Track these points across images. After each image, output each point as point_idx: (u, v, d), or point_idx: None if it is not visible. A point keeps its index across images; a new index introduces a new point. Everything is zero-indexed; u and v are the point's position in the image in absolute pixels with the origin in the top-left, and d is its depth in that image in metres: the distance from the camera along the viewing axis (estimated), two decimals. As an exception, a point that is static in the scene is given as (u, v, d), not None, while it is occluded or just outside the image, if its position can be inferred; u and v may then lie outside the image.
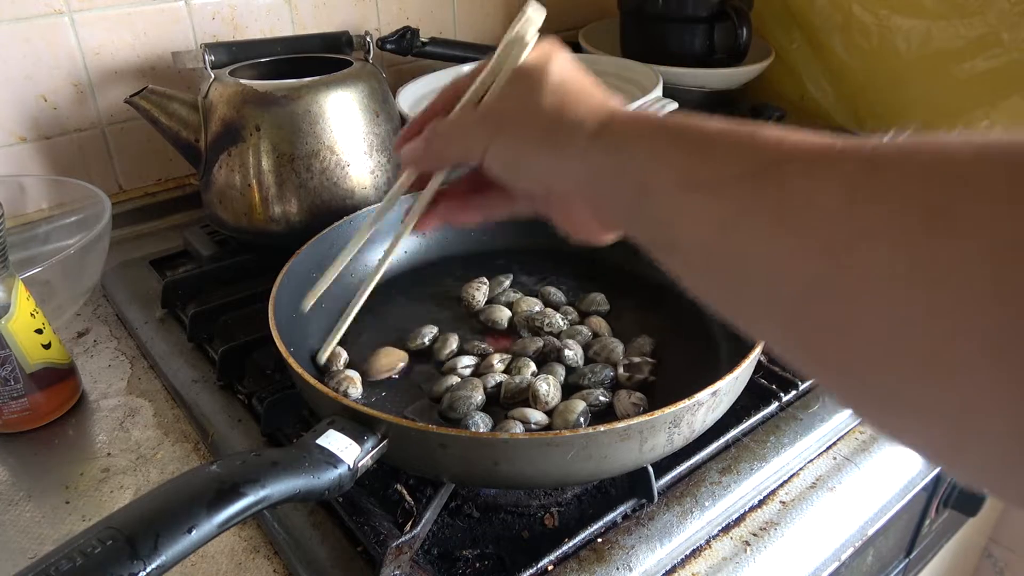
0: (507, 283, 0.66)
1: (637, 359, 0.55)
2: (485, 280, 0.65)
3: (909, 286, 0.19)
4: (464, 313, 0.63)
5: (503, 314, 0.62)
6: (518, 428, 0.48)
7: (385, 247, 0.51)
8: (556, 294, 0.64)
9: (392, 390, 0.55)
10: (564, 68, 0.36)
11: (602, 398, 0.51)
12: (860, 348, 0.21)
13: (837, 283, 0.21)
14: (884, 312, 0.20)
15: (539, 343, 0.57)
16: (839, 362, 0.23)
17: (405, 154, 0.41)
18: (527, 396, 0.51)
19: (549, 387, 0.51)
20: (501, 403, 0.52)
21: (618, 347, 0.57)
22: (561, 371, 0.55)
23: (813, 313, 0.23)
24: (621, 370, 0.54)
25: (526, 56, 0.38)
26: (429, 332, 0.59)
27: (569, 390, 0.53)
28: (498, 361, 0.55)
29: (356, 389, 0.53)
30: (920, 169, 0.21)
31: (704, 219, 0.27)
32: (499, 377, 0.53)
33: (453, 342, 0.58)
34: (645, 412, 0.42)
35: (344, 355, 0.56)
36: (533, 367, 0.55)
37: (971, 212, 0.19)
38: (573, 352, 0.56)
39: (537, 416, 0.49)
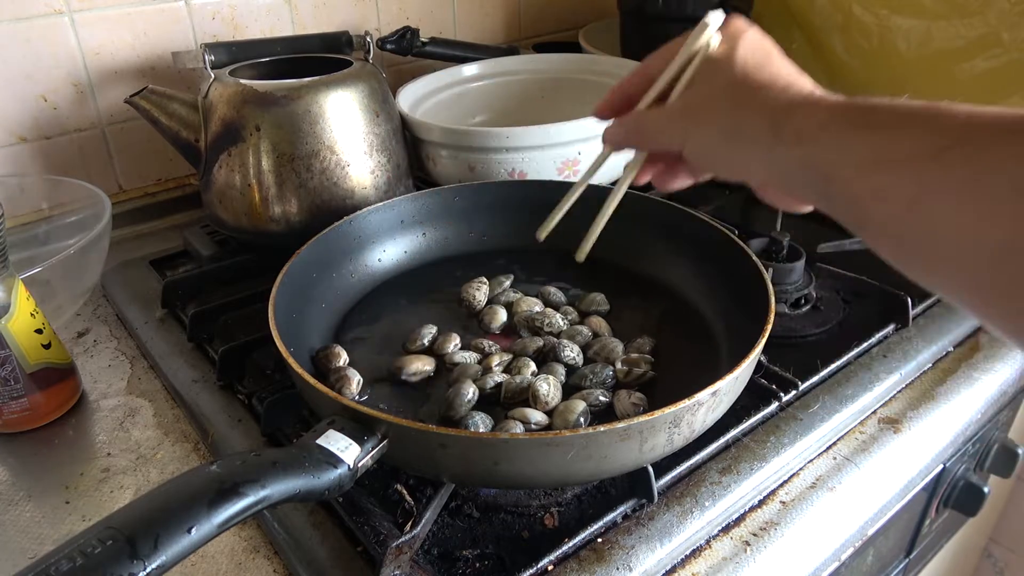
0: (507, 283, 0.66)
1: (635, 356, 0.55)
2: (485, 280, 0.65)
3: None
4: (464, 313, 0.63)
5: (502, 314, 0.62)
6: (518, 428, 0.48)
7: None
8: (556, 294, 0.64)
9: (393, 391, 0.55)
10: (747, 56, 0.38)
11: (602, 398, 0.51)
12: None
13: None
14: None
15: (539, 343, 0.57)
16: None
17: (608, 135, 0.45)
18: (527, 396, 0.51)
19: (549, 387, 0.51)
20: (501, 403, 0.52)
21: (618, 347, 0.57)
22: (561, 371, 0.55)
23: (1003, 276, 0.25)
24: (620, 365, 0.54)
25: (713, 43, 0.40)
26: (428, 332, 0.59)
27: (569, 390, 0.53)
28: (497, 363, 0.55)
29: (351, 389, 0.53)
30: None
31: (893, 197, 0.29)
32: (499, 377, 0.54)
33: (453, 342, 0.58)
34: (645, 412, 0.42)
35: (344, 355, 0.56)
36: (533, 367, 0.55)
37: None
38: (573, 352, 0.56)
39: (537, 416, 0.49)
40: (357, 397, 0.53)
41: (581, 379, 0.54)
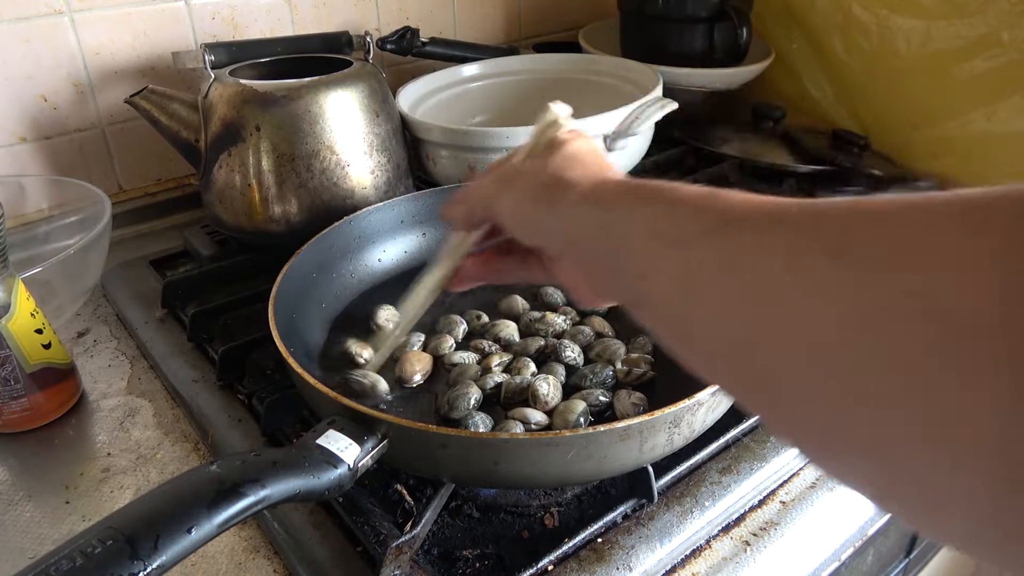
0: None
1: (636, 356, 0.55)
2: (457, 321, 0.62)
3: (837, 329, 0.21)
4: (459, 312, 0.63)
5: (511, 328, 0.60)
6: (518, 428, 0.48)
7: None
8: (555, 294, 0.64)
9: (394, 390, 0.55)
10: (581, 145, 0.40)
11: (602, 398, 0.51)
12: (796, 390, 0.23)
13: (771, 330, 0.23)
14: (814, 354, 0.22)
15: (540, 343, 0.57)
16: (780, 403, 0.24)
17: (445, 211, 0.45)
18: (527, 396, 0.51)
19: (549, 387, 0.51)
20: (501, 403, 0.52)
21: (620, 348, 0.56)
22: (561, 371, 0.55)
23: (752, 359, 0.24)
24: (620, 365, 0.54)
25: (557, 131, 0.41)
26: (417, 340, 0.59)
27: (569, 390, 0.53)
28: (497, 363, 0.55)
29: (383, 385, 0.53)
30: (858, 222, 0.22)
31: (669, 272, 0.29)
32: (499, 377, 0.53)
33: (448, 342, 0.58)
34: (645, 412, 0.42)
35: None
36: (533, 367, 0.55)
37: (896, 259, 0.20)
38: (573, 352, 0.56)
39: (537, 416, 0.49)
40: (385, 391, 0.53)
41: (581, 379, 0.54)
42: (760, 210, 0.26)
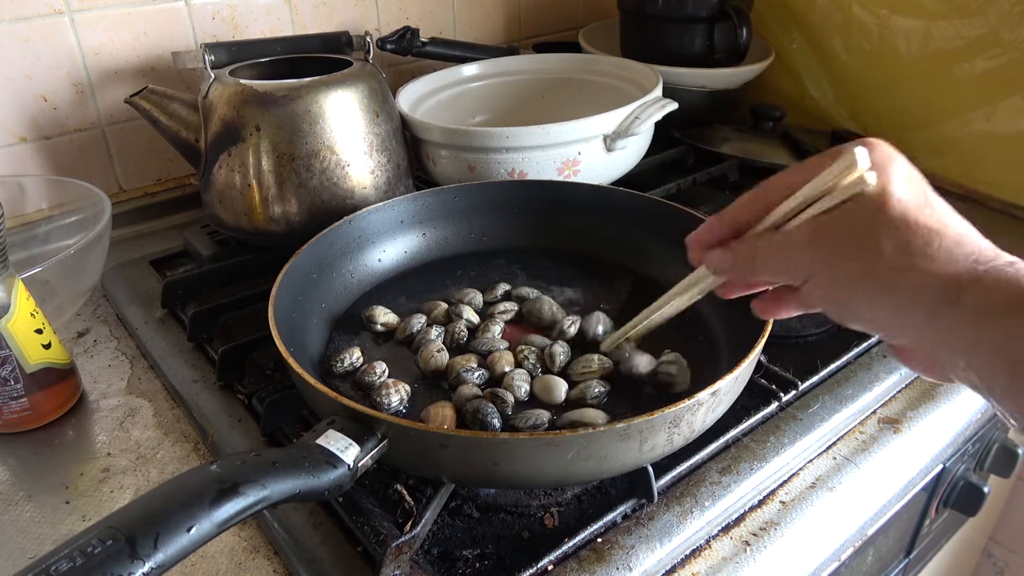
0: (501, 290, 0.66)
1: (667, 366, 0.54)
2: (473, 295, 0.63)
3: None
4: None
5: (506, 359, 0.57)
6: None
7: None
8: (552, 305, 0.62)
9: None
10: (905, 194, 0.31)
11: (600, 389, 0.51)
12: None
13: None
14: None
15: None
16: None
17: (714, 262, 0.38)
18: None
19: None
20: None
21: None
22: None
23: None
24: (660, 376, 0.53)
25: (869, 179, 0.32)
26: (418, 321, 0.59)
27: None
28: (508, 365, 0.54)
29: (393, 400, 0.51)
30: None
31: None
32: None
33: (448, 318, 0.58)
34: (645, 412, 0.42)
35: (383, 366, 0.56)
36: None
37: None
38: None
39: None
40: (403, 398, 0.52)
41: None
42: None
